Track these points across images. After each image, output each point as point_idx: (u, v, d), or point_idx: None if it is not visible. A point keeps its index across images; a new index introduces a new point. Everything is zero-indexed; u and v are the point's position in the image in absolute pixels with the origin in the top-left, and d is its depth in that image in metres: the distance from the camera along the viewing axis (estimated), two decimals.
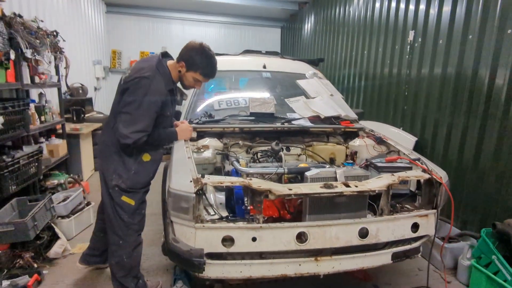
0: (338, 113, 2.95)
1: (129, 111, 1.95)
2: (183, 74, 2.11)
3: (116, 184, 2.07)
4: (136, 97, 1.94)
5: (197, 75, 2.10)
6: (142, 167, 2.12)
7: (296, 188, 1.76)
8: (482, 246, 2.56)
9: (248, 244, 1.71)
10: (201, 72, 2.09)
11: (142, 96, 1.93)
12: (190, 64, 2.07)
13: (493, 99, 2.86)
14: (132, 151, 2.08)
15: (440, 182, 1.95)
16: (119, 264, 2.22)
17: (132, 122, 1.94)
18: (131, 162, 2.09)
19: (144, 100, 1.93)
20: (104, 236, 2.45)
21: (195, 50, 2.07)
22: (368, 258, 1.90)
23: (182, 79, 2.16)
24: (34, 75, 3.61)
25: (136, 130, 1.93)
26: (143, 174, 2.14)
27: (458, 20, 3.24)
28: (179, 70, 2.11)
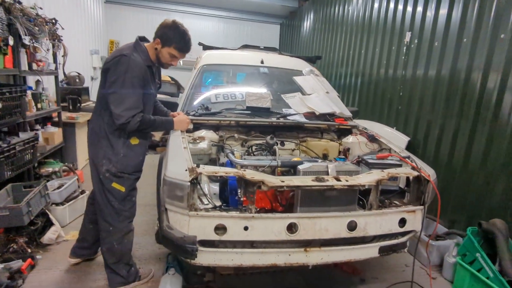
0: (333, 110, 2.99)
1: (115, 90, 2.01)
2: (159, 51, 2.18)
3: (106, 168, 2.13)
4: (119, 75, 2.01)
5: (172, 49, 2.17)
6: (130, 150, 2.18)
7: (288, 180, 1.81)
8: (468, 244, 2.65)
9: (240, 233, 1.75)
10: (175, 46, 2.16)
11: (124, 72, 2.00)
12: (165, 39, 2.14)
13: (484, 103, 2.93)
14: (120, 134, 2.14)
15: (428, 179, 2.02)
16: (110, 250, 2.28)
17: (120, 100, 2.01)
18: (120, 146, 2.15)
19: (127, 76, 2.00)
20: (94, 227, 2.51)
21: (169, 26, 2.16)
22: (355, 250, 1.96)
23: (159, 57, 2.22)
24: (32, 62, 3.62)
25: (127, 108, 2.00)
26: (132, 157, 2.20)
27: (453, 23, 3.30)
28: (155, 48, 2.18)
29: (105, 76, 2.10)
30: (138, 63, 2.07)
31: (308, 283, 2.63)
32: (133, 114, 2.02)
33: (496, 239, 2.51)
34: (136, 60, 2.06)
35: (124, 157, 2.16)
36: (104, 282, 2.47)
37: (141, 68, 2.08)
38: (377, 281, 2.73)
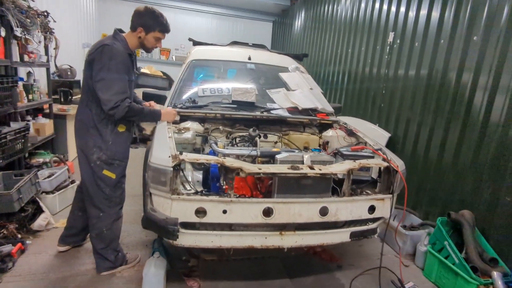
0: (315, 105, 3.13)
1: (102, 77, 2.12)
2: (144, 37, 2.33)
3: (97, 156, 2.25)
4: (104, 63, 2.12)
5: (157, 33, 2.34)
6: (118, 137, 2.32)
7: (265, 168, 1.94)
8: (437, 233, 2.82)
9: (219, 215, 1.89)
10: (159, 30, 2.34)
11: (108, 60, 2.12)
12: (148, 26, 2.29)
13: (457, 100, 3.10)
14: (108, 123, 2.27)
15: (396, 170, 2.17)
16: (99, 236, 2.39)
17: (108, 86, 2.12)
18: (108, 134, 2.28)
19: (112, 63, 2.13)
20: (83, 215, 2.62)
21: (147, 14, 2.30)
22: (328, 235, 2.11)
23: (144, 43, 2.36)
24: (23, 54, 3.68)
25: (115, 92, 2.12)
26: (121, 144, 2.34)
27: (432, 25, 3.46)
28: (139, 37, 2.32)
29: (90, 67, 2.19)
30: (120, 51, 2.20)
31: (288, 269, 2.76)
32: (121, 98, 2.13)
33: (463, 228, 2.69)
34: (119, 48, 2.19)
35: (113, 144, 2.28)
36: (92, 266, 2.58)
37: (123, 55, 2.21)
38: (353, 267, 2.89)
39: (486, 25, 2.83)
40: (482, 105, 2.83)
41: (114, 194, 2.34)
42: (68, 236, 2.75)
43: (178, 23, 9.49)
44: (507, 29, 2.64)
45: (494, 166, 2.68)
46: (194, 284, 2.45)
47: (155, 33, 2.33)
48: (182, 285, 2.44)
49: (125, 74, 2.21)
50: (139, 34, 2.31)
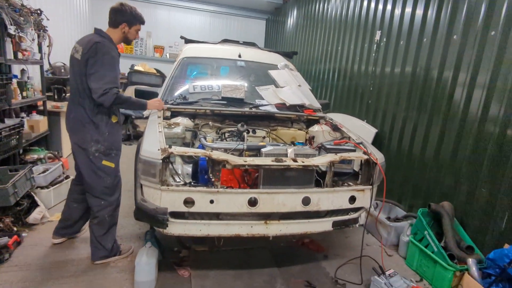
0: (303, 102, 3.24)
1: (96, 70, 2.29)
2: (128, 31, 2.55)
3: (96, 149, 2.40)
4: (98, 57, 2.30)
5: (138, 26, 2.59)
6: (113, 128, 2.48)
7: (250, 160, 2.05)
8: (418, 224, 2.95)
9: (206, 205, 1.99)
10: (139, 22, 2.59)
11: (102, 55, 2.30)
12: (130, 21, 2.52)
13: (438, 97, 3.23)
14: (102, 116, 2.43)
15: (375, 162, 2.28)
16: (101, 223, 2.54)
17: (100, 77, 2.29)
18: (103, 126, 2.42)
19: (105, 58, 2.31)
20: (78, 206, 2.74)
21: (127, 10, 2.52)
22: (311, 224, 2.22)
23: (127, 36, 2.58)
24: (17, 51, 3.74)
25: (106, 82, 2.28)
26: (115, 134, 2.51)
27: (416, 23, 3.58)
28: (123, 31, 2.53)
29: (85, 65, 2.33)
30: (111, 46, 2.41)
31: (276, 259, 2.88)
32: (111, 86, 2.28)
33: (443, 219, 2.82)
34: (109, 45, 2.39)
35: (110, 135, 2.44)
36: (87, 256, 2.68)
37: (114, 50, 2.42)
38: (339, 257, 3.01)
39: (465, 24, 2.95)
40: (461, 101, 2.96)
41: (113, 182, 2.50)
42: (63, 228, 2.85)
43: (172, 20, 9.56)
44: (483, 29, 2.77)
45: (472, 159, 2.82)
46: (185, 273, 2.56)
47: (136, 26, 2.57)
48: (173, 274, 2.55)
49: (116, 67, 2.40)
50: (123, 29, 2.51)
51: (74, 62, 2.43)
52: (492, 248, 2.51)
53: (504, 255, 2.27)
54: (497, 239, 2.56)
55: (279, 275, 2.65)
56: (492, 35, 2.69)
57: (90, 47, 2.30)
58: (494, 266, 2.37)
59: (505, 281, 2.29)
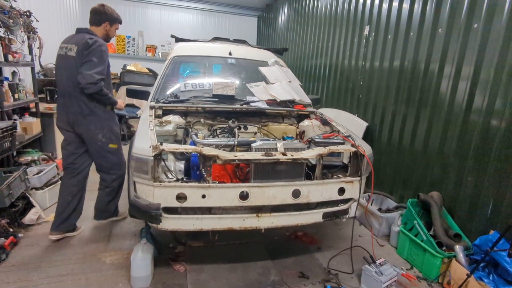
0: (293, 97, 3.29)
1: (91, 59, 2.62)
2: (109, 29, 2.93)
3: (102, 135, 2.83)
4: (92, 50, 2.63)
5: (117, 25, 3.00)
6: (109, 114, 2.90)
7: (240, 155, 2.09)
8: (408, 214, 3.02)
9: (198, 200, 2.04)
10: (118, 22, 3.00)
11: (96, 47, 2.65)
12: (112, 20, 2.92)
13: (425, 89, 3.29)
14: (100, 106, 2.80)
15: (363, 154, 2.34)
16: (112, 192, 3.11)
17: (94, 65, 2.61)
18: (102, 114, 2.82)
19: (98, 50, 2.65)
20: (72, 199, 2.92)
21: (108, 10, 2.91)
22: (302, 216, 2.28)
23: (108, 34, 2.95)
24: (8, 54, 3.74)
25: (98, 72, 2.61)
26: (113, 119, 2.95)
27: (403, 17, 3.64)
28: (105, 29, 2.91)
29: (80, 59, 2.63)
30: (104, 43, 2.77)
31: (270, 252, 2.94)
32: (100, 78, 2.62)
33: (431, 208, 2.90)
34: (102, 41, 2.76)
35: (109, 121, 2.88)
36: (83, 255, 2.72)
37: (105, 45, 2.76)
38: (332, 248, 3.08)
39: (449, 18, 3.02)
40: (447, 93, 3.02)
41: (120, 159, 3.04)
42: (59, 223, 2.92)
43: (163, 20, 9.54)
44: (467, 22, 2.83)
45: (458, 150, 2.89)
46: (180, 268, 2.61)
47: (116, 25, 2.98)
48: (169, 269, 2.60)
49: (106, 60, 2.75)
50: (106, 27, 2.90)
51: (68, 59, 2.71)
52: (478, 235, 2.59)
53: (489, 240, 2.35)
54: (483, 226, 2.64)
55: (273, 267, 2.71)
56: (475, 28, 2.76)
57: (85, 43, 2.63)
58: (480, 252, 2.46)
59: (490, 266, 2.37)
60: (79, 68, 2.60)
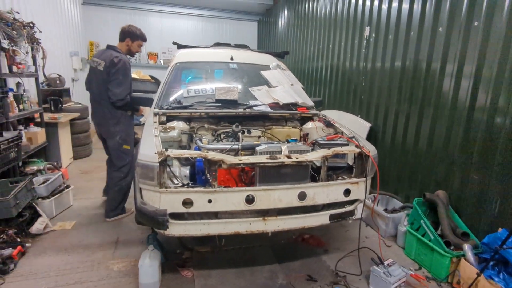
0: (296, 100, 3.29)
1: (117, 77, 3.17)
2: (131, 45, 3.40)
3: (119, 137, 3.32)
4: (117, 69, 3.16)
5: (139, 42, 3.43)
6: (127, 119, 3.40)
7: (245, 159, 2.10)
8: (414, 213, 3.01)
9: (204, 205, 2.04)
10: (141, 39, 3.43)
11: (122, 65, 3.19)
12: (133, 37, 3.37)
13: (428, 88, 3.29)
14: (121, 112, 3.32)
15: (368, 155, 2.34)
16: (120, 190, 3.45)
17: (120, 83, 3.19)
18: (122, 119, 3.34)
19: (122, 68, 3.18)
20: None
21: (131, 29, 3.38)
22: (308, 218, 2.28)
23: (131, 49, 3.43)
24: (12, 65, 3.78)
25: (124, 88, 3.22)
26: (130, 123, 3.43)
27: (403, 17, 3.65)
28: (127, 45, 3.38)
29: (107, 75, 3.18)
30: (127, 60, 3.29)
31: (277, 256, 2.93)
32: (127, 93, 3.23)
33: (438, 207, 2.88)
34: (125, 58, 3.28)
35: (126, 125, 3.37)
36: (91, 264, 2.73)
37: (129, 63, 3.30)
38: (339, 251, 3.06)
39: (449, 16, 3.02)
40: (449, 92, 3.02)
41: (132, 160, 3.29)
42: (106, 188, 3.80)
43: (164, 27, 9.63)
44: (467, 21, 2.83)
45: (463, 148, 2.88)
46: (188, 273, 2.61)
47: (138, 42, 3.41)
48: (176, 275, 2.60)
49: (129, 75, 3.29)
50: (128, 43, 3.37)
51: (97, 72, 3.25)
52: (486, 233, 2.57)
53: (497, 238, 2.34)
54: (491, 224, 2.62)
55: (280, 271, 2.70)
56: (476, 25, 2.76)
57: (111, 61, 3.17)
58: (488, 250, 2.44)
59: (500, 264, 2.35)
60: (108, 84, 3.15)
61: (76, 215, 3.64)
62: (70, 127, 5.51)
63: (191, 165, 2.38)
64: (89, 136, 6.24)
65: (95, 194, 4.26)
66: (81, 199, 4.09)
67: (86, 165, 5.56)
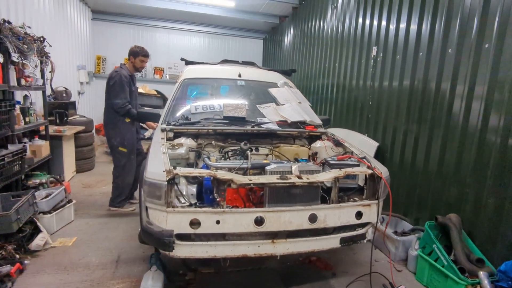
0: (304, 118, 3.26)
1: (114, 88, 3.78)
2: (134, 62, 3.95)
3: (114, 140, 3.88)
4: (115, 81, 3.78)
5: (140, 57, 3.94)
6: (125, 125, 3.89)
7: (255, 179, 2.04)
8: (426, 237, 2.91)
9: (212, 226, 1.97)
10: (142, 55, 3.94)
11: (117, 78, 3.78)
12: (134, 54, 3.94)
13: (438, 109, 3.25)
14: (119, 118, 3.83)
15: (380, 176, 2.28)
16: (117, 186, 4.06)
17: (117, 93, 3.76)
18: (120, 125, 3.86)
19: (118, 80, 3.76)
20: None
21: (132, 48, 3.98)
22: (319, 241, 2.20)
23: (135, 66, 3.98)
24: (20, 78, 3.80)
25: (121, 98, 3.75)
26: (128, 129, 3.90)
27: (411, 38, 3.66)
28: (131, 62, 3.95)
29: (107, 87, 3.86)
30: (123, 73, 3.83)
31: (283, 279, 2.83)
32: (124, 102, 3.75)
33: (451, 231, 2.79)
34: (122, 73, 3.83)
35: (123, 130, 3.87)
36: (90, 284, 2.63)
37: (125, 77, 3.83)
38: (347, 274, 2.95)
39: (459, 38, 3.02)
40: (460, 112, 2.98)
41: (126, 161, 3.94)
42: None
43: (171, 43, 9.76)
44: (477, 42, 2.82)
45: (476, 170, 2.81)
46: None
47: (139, 57, 3.94)
48: None
49: (125, 87, 3.78)
50: (131, 60, 3.94)
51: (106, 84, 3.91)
52: (502, 259, 2.47)
53: None
54: (508, 250, 2.52)
55: None
56: (487, 48, 2.75)
57: (110, 75, 3.87)
58: (506, 279, 2.33)
59: None
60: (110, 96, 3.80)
61: (77, 231, 3.56)
62: (74, 140, 5.49)
63: (199, 184, 2.32)
64: (93, 150, 6.21)
65: (96, 209, 4.19)
66: (83, 214, 4.01)
67: (88, 179, 5.51)
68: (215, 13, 8.36)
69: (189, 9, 8.10)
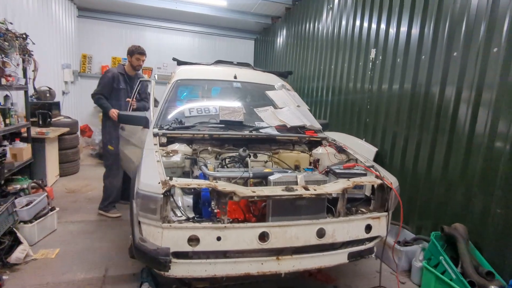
0: (304, 123, 3.11)
1: (98, 82, 4.01)
2: (130, 60, 4.06)
3: (104, 137, 4.04)
4: (101, 76, 4.06)
5: (136, 55, 4.05)
6: (110, 124, 3.94)
7: (259, 190, 1.87)
8: (432, 248, 2.80)
9: (213, 243, 1.79)
10: (137, 53, 4.04)
11: (104, 74, 4.07)
12: (129, 52, 4.07)
13: (442, 115, 3.15)
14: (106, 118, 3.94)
15: (390, 187, 2.15)
16: (105, 188, 4.07)
17: (97, 85, 3.97)
18: (107, 123, 3.98)
19: (104, 76, 4.02)
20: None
21: (129, 47, 4.09)
22: (326, 257, 2.04)
23: (132, 63, 4.08)
24: (1, 77, 3.55)
25: (98, 90, 3.94)
26: (111, 126, 3.95)
27: (413, 41, 3.56)
28: (129, 61, 4.06)
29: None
30: (113, 70, 4.08)
31: None
32: (99, 93, 3.91)
33: (457, 242, 2.68)
34: (113, 70, 4.10)
35: (107, 128, 3.99)
36: None
37: (114, 73, 4.03)
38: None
39: (465, 42, 2.92)
40: (466, 119, 2.88)
41: (114, 160, 3.97)
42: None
43: (161, 42, 9.48)
44: (485, 46, 2.73)
45: (483, 178, 2.71)
46: None
47: (135, 56, 4.05)
48: None
49: (110, 84, 3.96)
50: (128, 59, 4.08)
51: None
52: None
53: None
54: None
55: None
56: (495, 52, 2.66)
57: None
58: None
59: None
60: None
61: (60, 242, 3.32)
62: (58, 142, 5.21)
63: (195, 194, 2.14)
64: (77, 152, 5.93)
65: (81, 217, 3.96)
66: (66, 223, 3.77)
67: (73, 184, 5.23)
68: (206, 12, 8.14)
69: (179, 8, 7.85)
